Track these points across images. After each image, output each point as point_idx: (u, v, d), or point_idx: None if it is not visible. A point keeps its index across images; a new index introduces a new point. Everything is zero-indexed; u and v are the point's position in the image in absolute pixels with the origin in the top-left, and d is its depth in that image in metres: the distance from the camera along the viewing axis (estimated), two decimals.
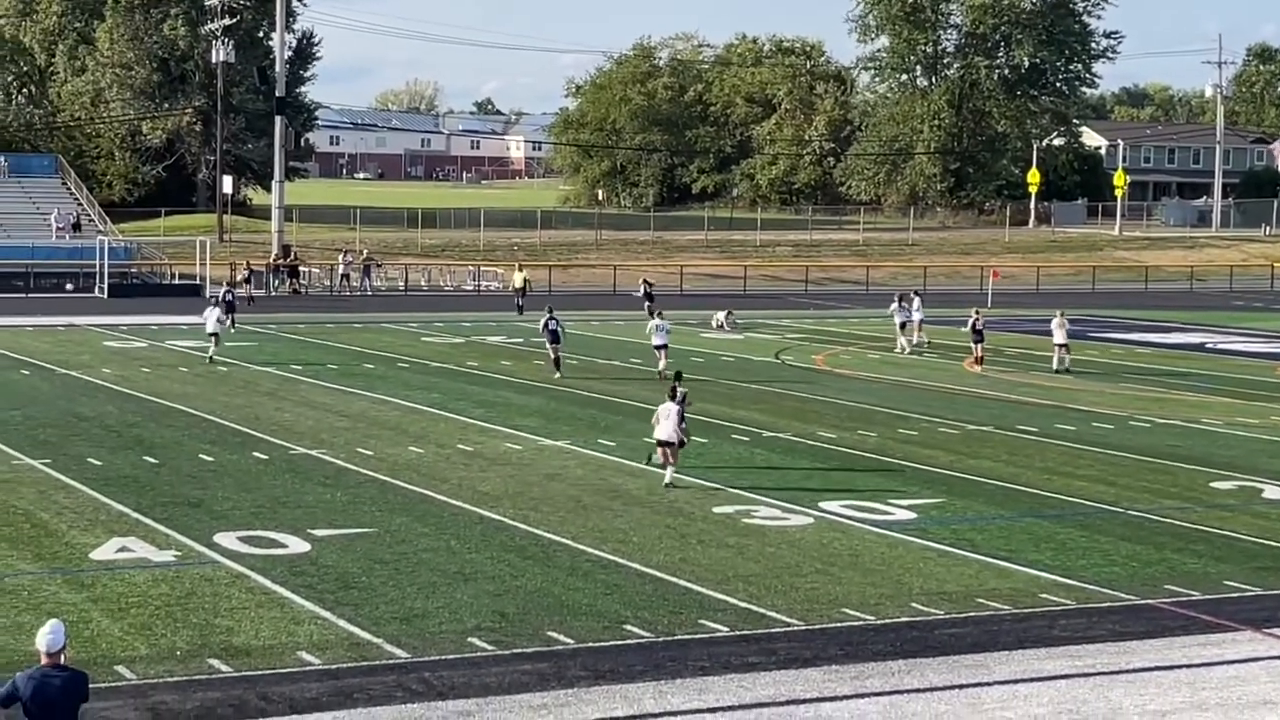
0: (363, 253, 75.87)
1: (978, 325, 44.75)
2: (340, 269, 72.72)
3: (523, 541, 21.24)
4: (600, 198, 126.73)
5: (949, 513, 23.89)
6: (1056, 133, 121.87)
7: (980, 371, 43.48)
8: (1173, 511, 24.24)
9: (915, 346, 49.19)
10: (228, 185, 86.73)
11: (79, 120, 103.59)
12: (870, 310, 63.18)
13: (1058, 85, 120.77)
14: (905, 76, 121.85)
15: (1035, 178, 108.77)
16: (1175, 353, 50.45)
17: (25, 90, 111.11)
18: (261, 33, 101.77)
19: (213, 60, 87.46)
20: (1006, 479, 26.76)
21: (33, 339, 47.53)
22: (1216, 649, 16.93)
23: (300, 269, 73.71)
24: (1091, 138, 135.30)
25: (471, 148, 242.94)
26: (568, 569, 19.74)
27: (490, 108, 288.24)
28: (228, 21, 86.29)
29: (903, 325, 49.37)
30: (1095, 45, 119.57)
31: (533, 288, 63.13)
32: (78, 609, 17.36)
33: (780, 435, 31.17)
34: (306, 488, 24.74)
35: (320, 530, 21.54)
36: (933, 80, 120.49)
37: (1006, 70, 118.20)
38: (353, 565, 19.65)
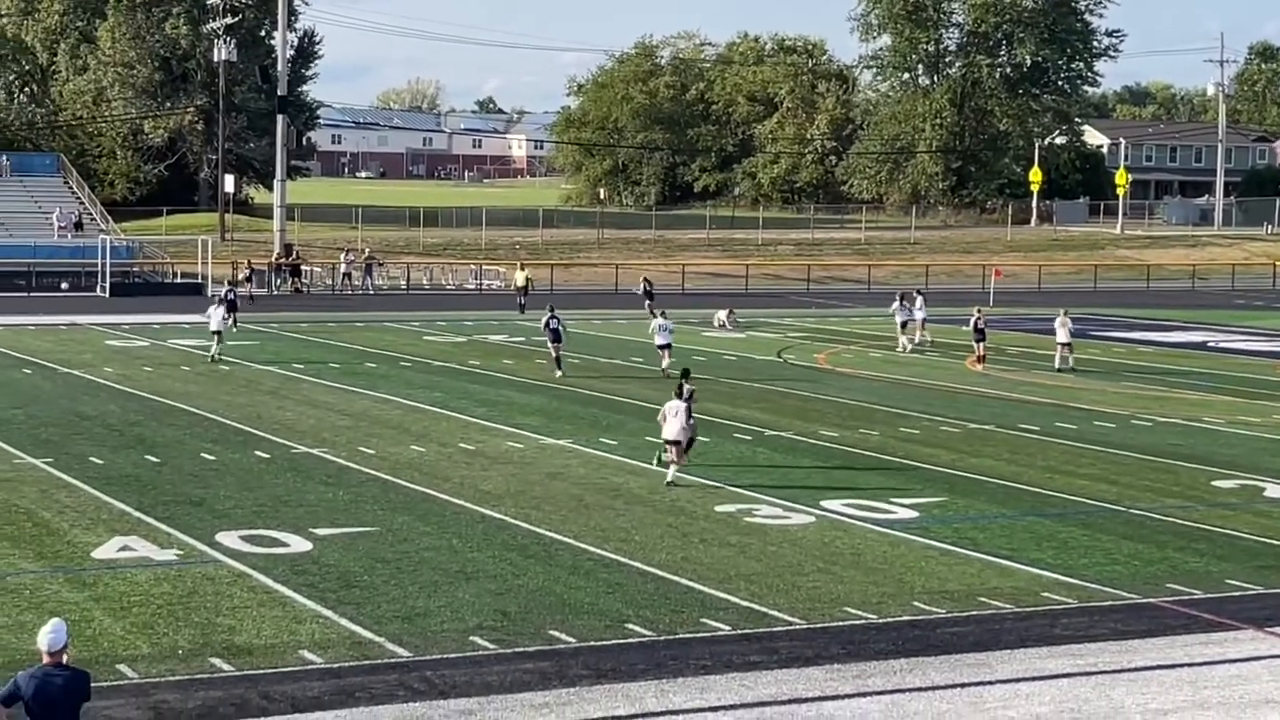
0: (365, 251, 75.90)
1: (979, 324, 44.76)
2: (342, 268, 72.75)
3: (524, 540, 21.24)
4: (602, 196, 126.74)
5: (951, 511, 23.89)
6: (1058, 131, 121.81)
7: (982, 370, 43.47)
8: (1175, 510, 24.24)
9: (917, 346, 49.20)
10: (230, 184, 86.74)
11: (81, 119, 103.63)
12: (872, 309, 63.19)
13: (1060, 84, 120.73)
14: (907, 75, 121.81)
15: (1037, 176, 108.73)
16: (1177, 351, 50.45)
17: (27, 89, 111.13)
18: (263, 31, 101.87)
19: (214, 59, 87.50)
20: (1008, 478, 26.75)
21: (35, 338, 47.55)
22: (1218, 648, 16.93)
23: (302, 268, 73.78)
24: (1093, 136, 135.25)
25: (473, 146, 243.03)
26: (569, 568, 19.74)
27: (492, 106, 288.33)
28: (229, 20, 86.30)
29: (904, 324, 49.37)
30: (1097, 44, 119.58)
31: (534, 287, 63.13)
32: (79, 608, 17.37)
33: (782, 434, 31.17)
34: (308, 486, 24.74)
35: (322, 529, 21.54)
36: (935, 79, 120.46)
37: (1008, 69, 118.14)
38: (354, 564, 19.65)
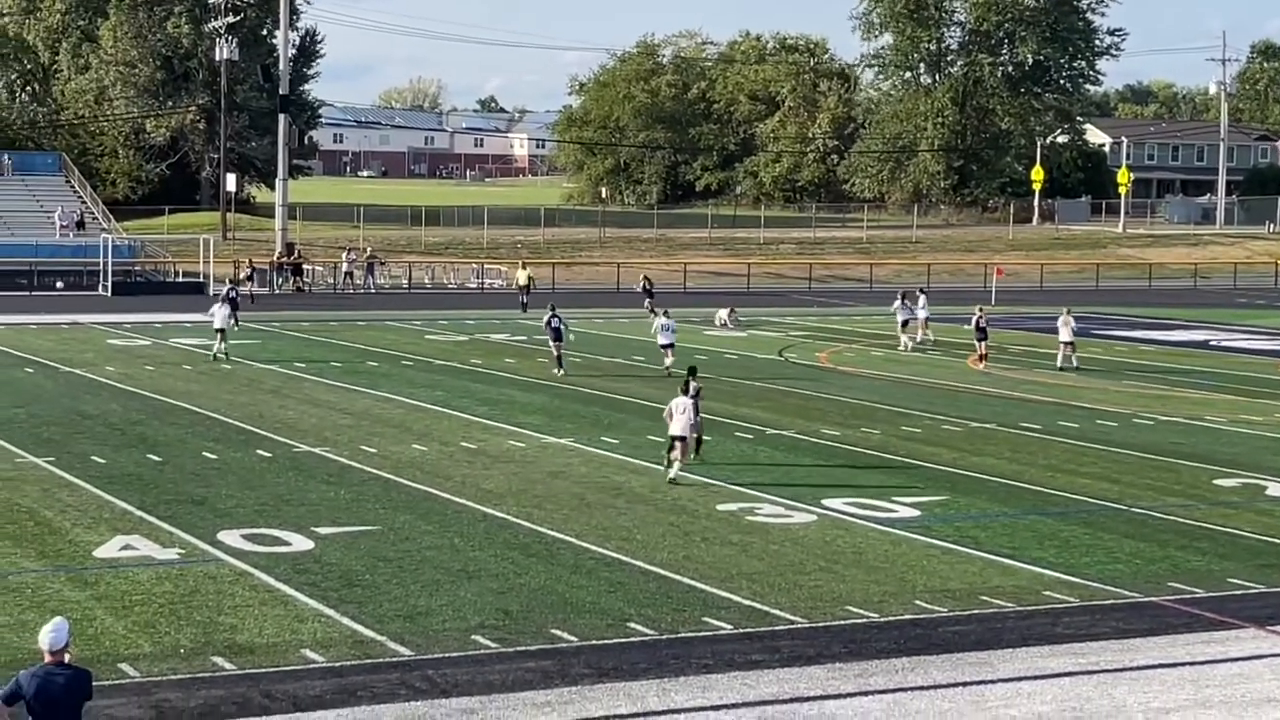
0: (366, 250, 75.92)
1: (981, 323, 44.75)
2: (344, 267, 72.77)
3: (526, 539, 21.24)
4: (604, 195, 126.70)
5: (953, 510, 23.89)
6: (1060, 130, 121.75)
7: (984, 369, 43.46)
8: (1176, 509, 24.24)
9: (919, 344, 49.21)
10: (231, 183, 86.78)
11: (83, 118, 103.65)
12: (874, 308, 63.18)
13: (1061, 82, 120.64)
14: (909, 74, 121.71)
15: (1039, 175, 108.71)
16: (1179, 350, 50.43)
17: (29, 88, 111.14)
18: (265, 30, 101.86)
19: (216, 58, 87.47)
20: (1010, 476, 26.75)
21: (36, 337, 47.56)
22: (1220, 646, 16.92)
23: (304, 267, 73.78)
24: (1095, 135, 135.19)
25: (475, 145, 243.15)
26: (571, 567, 19.74)
27: (494, 105, 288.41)
28: (231, 19, 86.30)
29: (905, 323, 49.35)
30: (1099, 42, 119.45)
31: (536, 285, 63.14)
32: (81, 607, 17.37)
33: (784, 433, 31.17)
34: (310, 485, 24.74)
35: (324, 528, 21.54)
36: (936, 77, 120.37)
37: (1010, 67, 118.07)
38: (356, 563, 19.65)
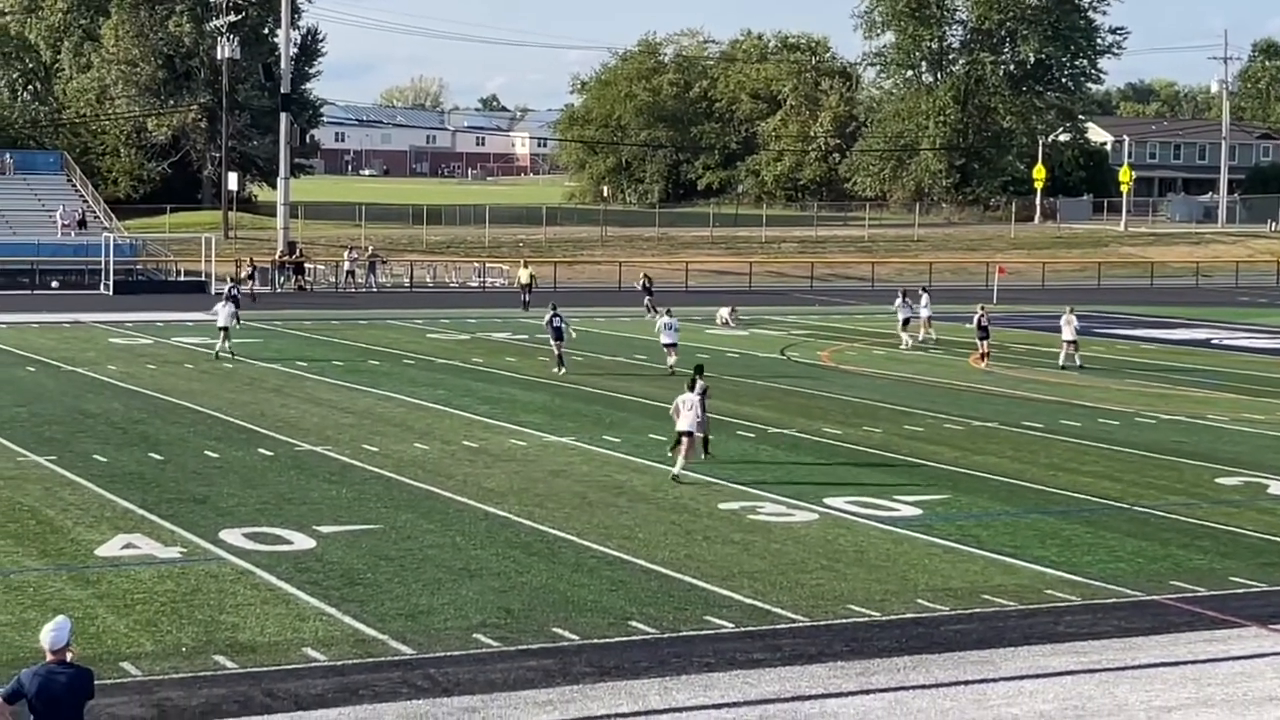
0: (368, 249, 75.94)
1: (983, 321, 44.73)
2: (345, 265, 72.77)
3: (528, 538, 21.24)
4: (605, 194, 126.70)
5: (954, 509, 23.88)
6: (1062, 128, 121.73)
7: (985, 368, 43.46)
8: (1178, 507, 24.23)
9: (920, 343, 49.21)
10: (233, 182, 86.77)
11: (84, 117, 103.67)
12: (876, 306, 63.17)
13: (1063, 81, 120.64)
14: (911, 72, 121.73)
15: (1041, 174, 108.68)
16: (1181, 348, 50.42)
17: (30, 87, 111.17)
18: (267, 29, 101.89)
19: (218, 57, 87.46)
20: (1012, 475, 26.74)
21: (38, 335, 47.57)
22: (1222, 645, 16.92)
23: (305, 265, 73.79)
24: (1097, 133, 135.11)
25: (477, 144, 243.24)
26: (573, 565, 19.74)
27: (495, 104, 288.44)
28: (233, 18, 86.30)
29: (906, 321, 49.32)
30: (1101, 41, 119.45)
31: (538, 284, 63.12)
32: (83, 605, 17.37)
33: (786, 431, 31.16)
34: (312, 484, 24.74)
35: (325, 527, 21.54)
36: (938, 76, 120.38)
37: (1012, 66, 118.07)
38: (358, 562, 19.65)
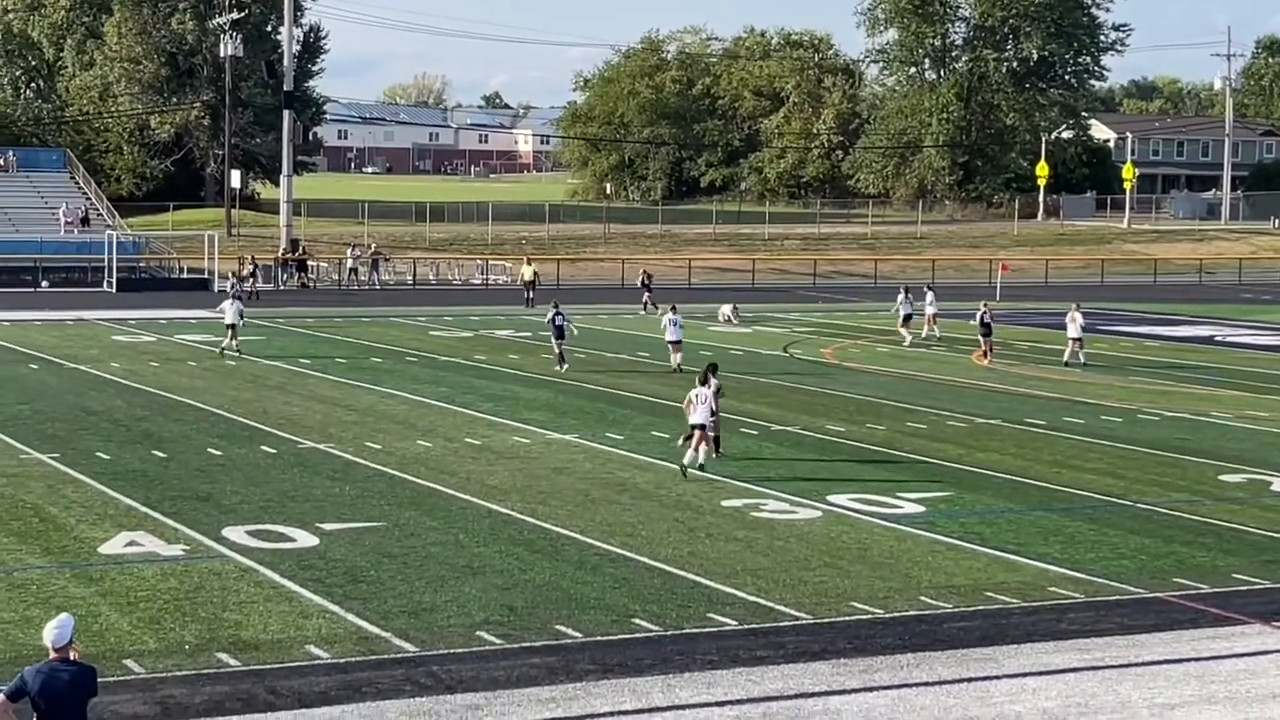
0: (371, 247, 75.89)
1: (986, 319, 44.70)
2: (348, 263, 72.75)
3: (531, 535, 21.24)
4: (608, 191, 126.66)
5: (957, 506, 23.88)
6: (1065, 126, 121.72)
7: (988, 365, 43.44)
8: (1181, 504, 24.22)
9: (923, 340, 49.19)
10: (236, 180, 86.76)
11: (87, 115, 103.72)
12: (879, 303, 63.11)
13: (1066, 78, 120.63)
14: (913, 69, 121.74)
15: (1044, 171, 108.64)
16: (1184, 346, 50.39)
17: (33, 84, 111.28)
18: (269, 26, 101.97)
19: (221, 54, 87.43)
20: (1015, 472, 26.73)
21: (41, 333, 47.58)
22: (1225, 642, 16.91)
23: (308, 263, 73.78)
24: (1100, 130, 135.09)
25: (479, 141, 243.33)
26: (576, 563, 19.74)
27: (498, 101, 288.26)
28: (235, 15, 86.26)
29: (907, 318, 49.28)
30: (1104, 38, 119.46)
31: (541, 281, 63.10)
32: (86, 603, 17.38)
33: (789, 428, 31.15)
34: (315, 482, 24.74)
35: (328, 524, 21.54)
36: (941, 73, 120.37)
37: (1015, 63, 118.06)
38: (361, 559, 19.65)
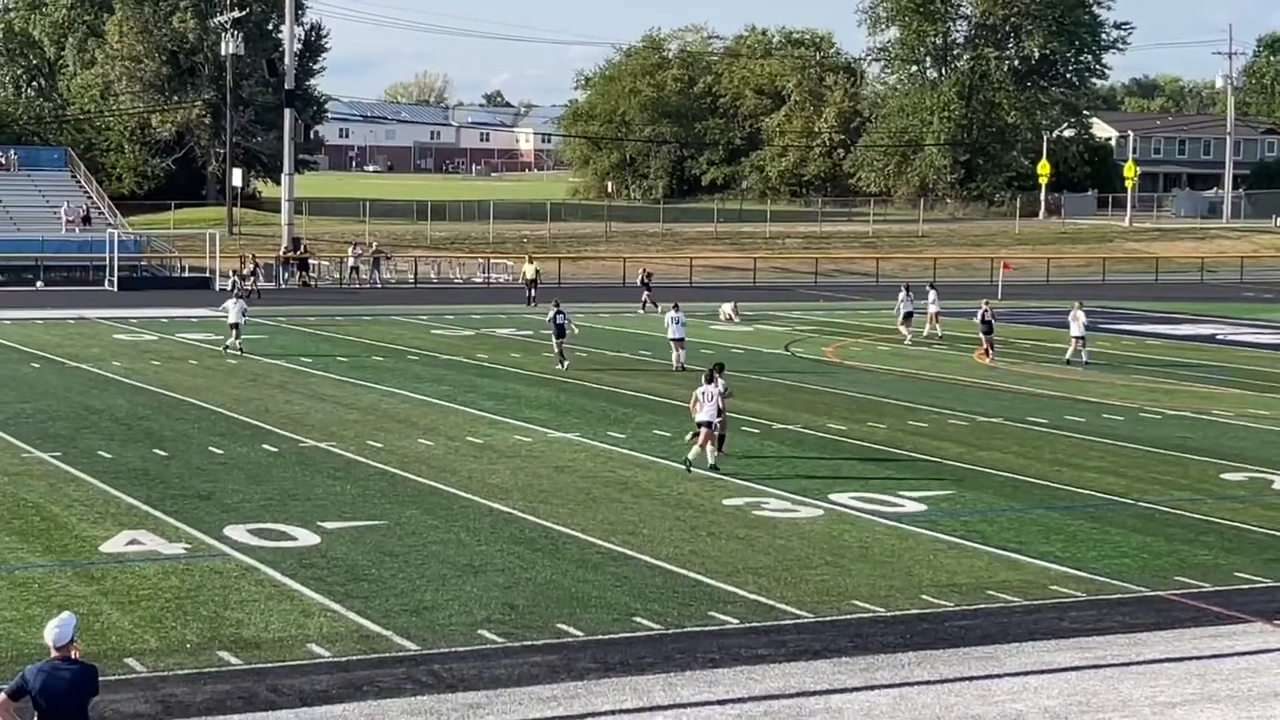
0: (372, 245, 75.88)
1: (987, 317, 44.70)
2: (350, 262, 72.77)
3: (532, 534, 21.24)
4: (610, 190, 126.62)
5: (959, 505, 23.88)
6: (1067, 124, 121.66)
7: (990, 363, 43.44)
8: (1183, 503, 24.22)
9: (925, 338, 49.19)
10: (237, 178, 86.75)
11: (88, 113, 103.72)
12: (880, 302, 63.10)
13: (1068, 76, 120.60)
14: (915, 68, 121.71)
15: (1045, 169, 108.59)
16: (1185, 344, 50.38)
17: (35, 83, 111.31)
18: (271, 25, 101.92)
19: (222, 53, 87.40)
20: (1016, 471, 26.73)
21: (43, 332, 47.59)
22: (1227, 640, 16.91)
23: (310, 262, 73.78)
24: (1102, 129, 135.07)
25: (481, 140, 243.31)
26: (577, 561, 19.74)
27: (499, 100, 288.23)
28: (237, 14, 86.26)
29: (908, 316, 49.26)
30: (1105, 36, 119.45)
31: (543, 280, 63.10)
32: (88, 602, 17.38)
33: (790, 427, 31.15)
34: (316, 480, 24.75)
35: (330, 523, 21.55)
36: (943, 72, 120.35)
37: (1016, 61, 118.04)
38: (362, 558, 19.66)
